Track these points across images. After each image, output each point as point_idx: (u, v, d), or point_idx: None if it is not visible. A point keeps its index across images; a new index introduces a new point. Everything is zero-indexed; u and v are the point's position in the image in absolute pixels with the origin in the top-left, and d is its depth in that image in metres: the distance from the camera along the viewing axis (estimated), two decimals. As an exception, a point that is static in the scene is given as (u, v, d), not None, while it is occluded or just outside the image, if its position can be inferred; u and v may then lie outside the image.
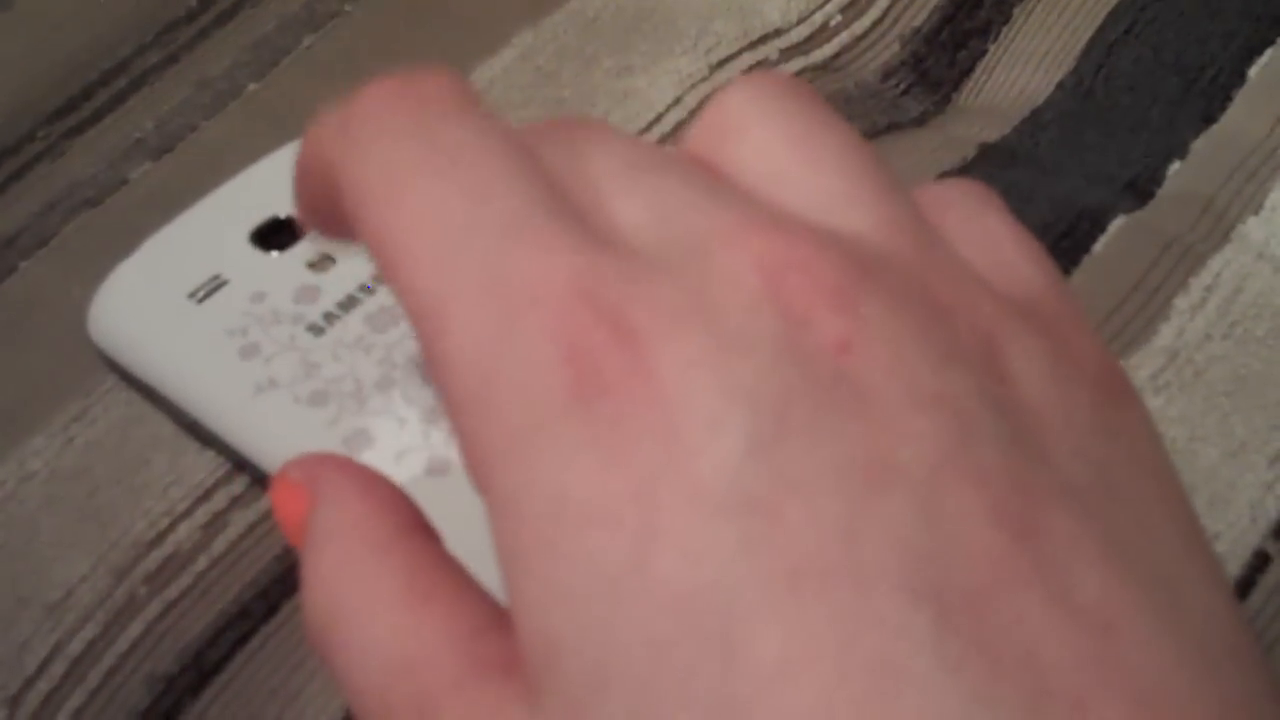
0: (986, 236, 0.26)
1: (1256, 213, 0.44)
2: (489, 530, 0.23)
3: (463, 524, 0.26)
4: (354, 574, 0.25)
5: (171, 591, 0.36)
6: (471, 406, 0.22)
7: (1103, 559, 0.21)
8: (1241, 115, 0.47)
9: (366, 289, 0.39)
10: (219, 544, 0.37)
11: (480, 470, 0.23)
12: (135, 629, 0.35)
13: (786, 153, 0.25)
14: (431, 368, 0.23)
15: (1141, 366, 0.40)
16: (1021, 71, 0.50)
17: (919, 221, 0.25)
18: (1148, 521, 0.22)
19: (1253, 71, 0.49)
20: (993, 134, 0.48)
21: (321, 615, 0.25)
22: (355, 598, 0.24)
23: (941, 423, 0.21)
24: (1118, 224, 0.43)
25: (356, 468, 0.26)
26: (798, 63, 0.49)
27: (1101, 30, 0.50)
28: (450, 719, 0.22)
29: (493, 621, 0.24)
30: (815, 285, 0.22)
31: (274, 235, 0.40)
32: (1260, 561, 0.36)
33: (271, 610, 0.36)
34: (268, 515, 0.37)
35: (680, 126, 0.46)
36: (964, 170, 0.46)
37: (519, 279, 0.22)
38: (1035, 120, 0.48)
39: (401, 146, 0.24)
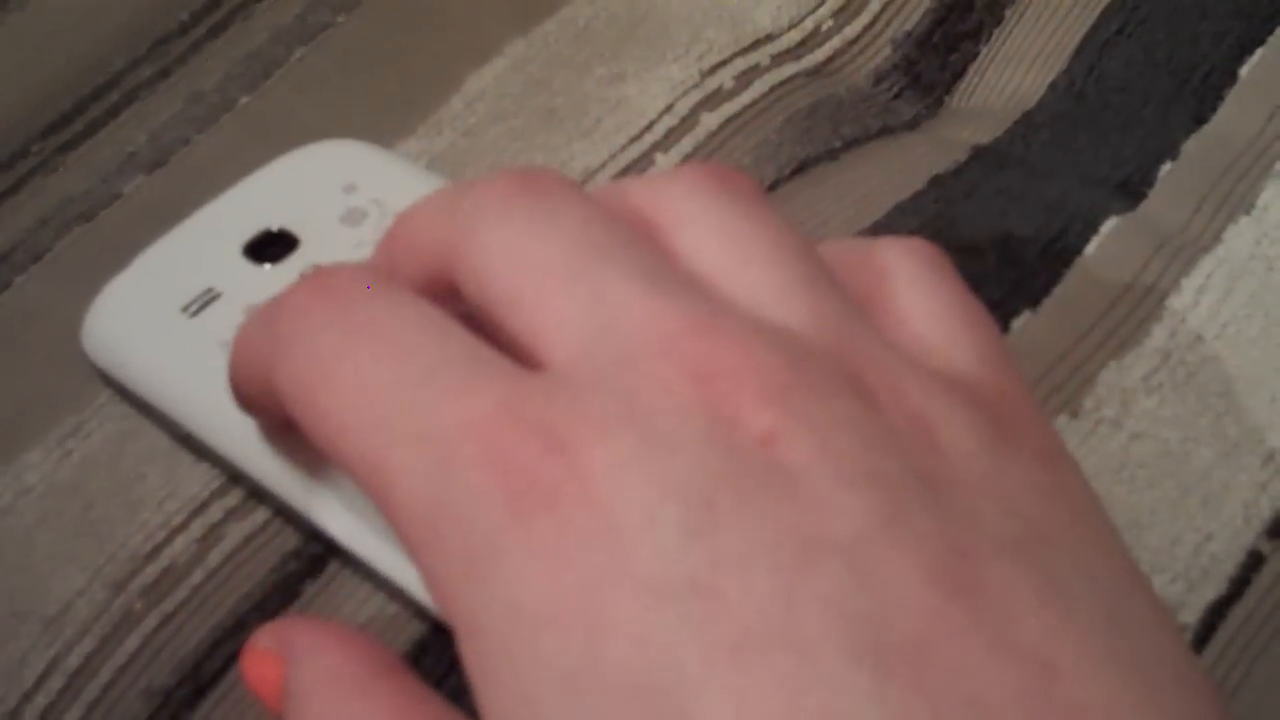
0: (925, 309, 0.27)
1: (1248, 212, 0.44)
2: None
3: None
4: (342, 713, 0.26)
5: (168, 605, 0.36)
6: (424, 543, 0.24)
7: (1041, 604, 0.22)
8: (1233, 115, 0.47)
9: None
10: (214, 557, 0.37)
11: (442, 601, 0.24)
12: (132, 642, 0.35)
13: (720, 250, 0.27)
14: (389, 524, 0.25)
15: (1134, 367, 0.40)
16: (1013, 74, 0.50)
17: (848, 312, 0.26)
18: (1086, 569, 0.23)
19: (1244, 71, 0.49)
20: (985, 136, 0.48)
21: None
22: None
23: (870, 496, 0.22)
24: (1110, 225, 0.44)
25: (324, 623, 0.28)
26: (789, 68, 0.49)
27: (1093, 31, 0.51)
28: None
29: None
30: (741, 387, 0.23)
31: (267, 248, 0.40)
32: (1254, 561, 0.37)
33: (268, 622, 0.36)
34: (263, 527, 0.37)
35: (671, 133, 0.47)
36: (957, 173, 0.46)
37: (447, 420, 0.24)
38: (1027, 122, 0.48)
39: (322, 338, 0.26)
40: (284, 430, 0.32)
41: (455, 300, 0.28)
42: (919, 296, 0.27)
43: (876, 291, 0.27)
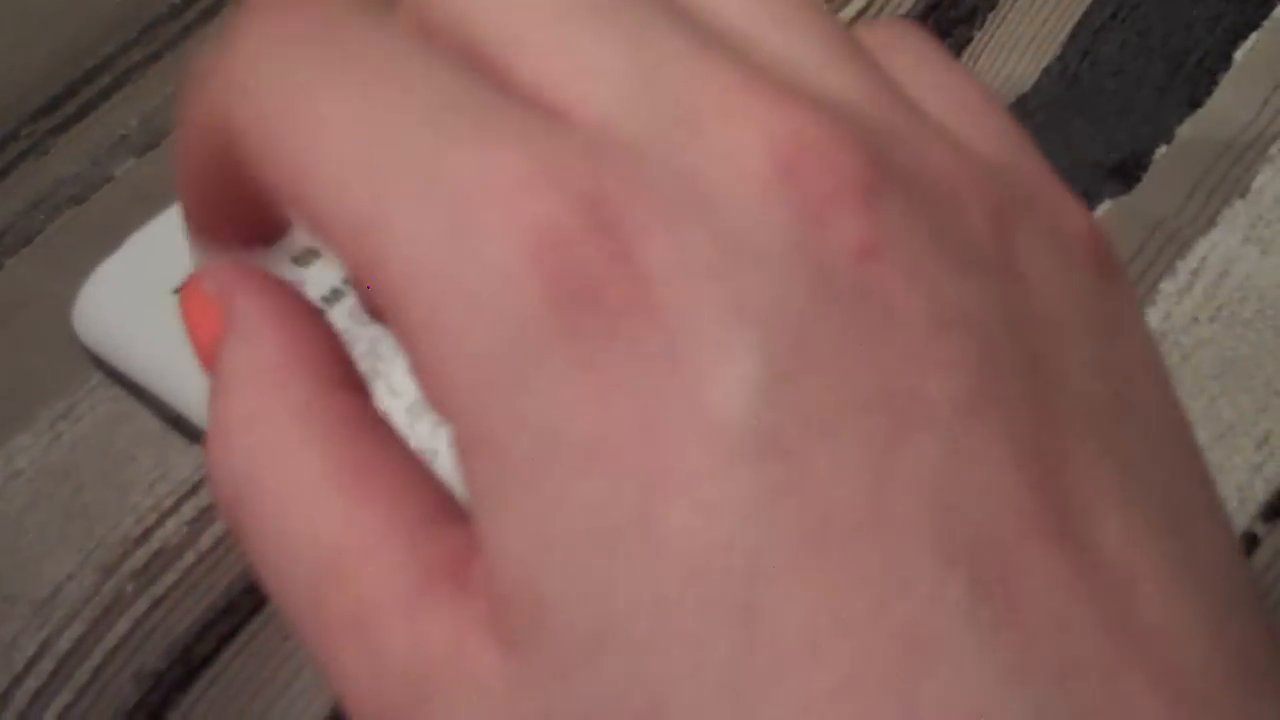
0: (947, 88, 0.22)
1: (1243, 196, 0.44)
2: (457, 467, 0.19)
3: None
4: (271, 438, 0.21)
5: (159, 588, 0.36)
6: (428, 329, 0.19)
7: (1122, 503, 0.19)
8: (1227, 99, 0.47)
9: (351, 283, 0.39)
10: (205, 539, 0.37)
11: (445, 402, 0.19)
12: (123, 625, 0.35)
13: (754, 9, 0.21)
14: (376, 298, 0.19)
15: (1129, 350, 0.40)
16: (1008, 59, 0.50)
17: (900, 96, 0.21)
18: (1157, 439, 0.20)
19: (1239, 55, 0.48)
20: (979, 121, 0.48)
21: (231, 485, 0.21)
22: (276, 470, 0.20)
23: (966, 350, 0.19)
24: (1104, 208, 0.43)
25: (277, 291, 0.22)
26: (783, 52, 0.49)
27: (1087, 16, 0.50)
28: (395, 641, 0.19)
29: (438, 510, 0.20)
30: (836, 174, 0.19)
31: (258, 230, 0.40)
32: (1249, 544, 0.36)
33: (259, 605, 0.36)
34: (255, 510, 0.37)
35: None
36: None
37: (463, 174, 0.19)
38: (1022, 107, 0.48)
39: (298, 65, 0.20)
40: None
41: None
42: (936, 75, 0.22)
43: (895, 75, 0.22)
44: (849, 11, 0.51)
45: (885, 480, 0.18)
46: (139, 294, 0.39)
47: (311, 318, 0.22)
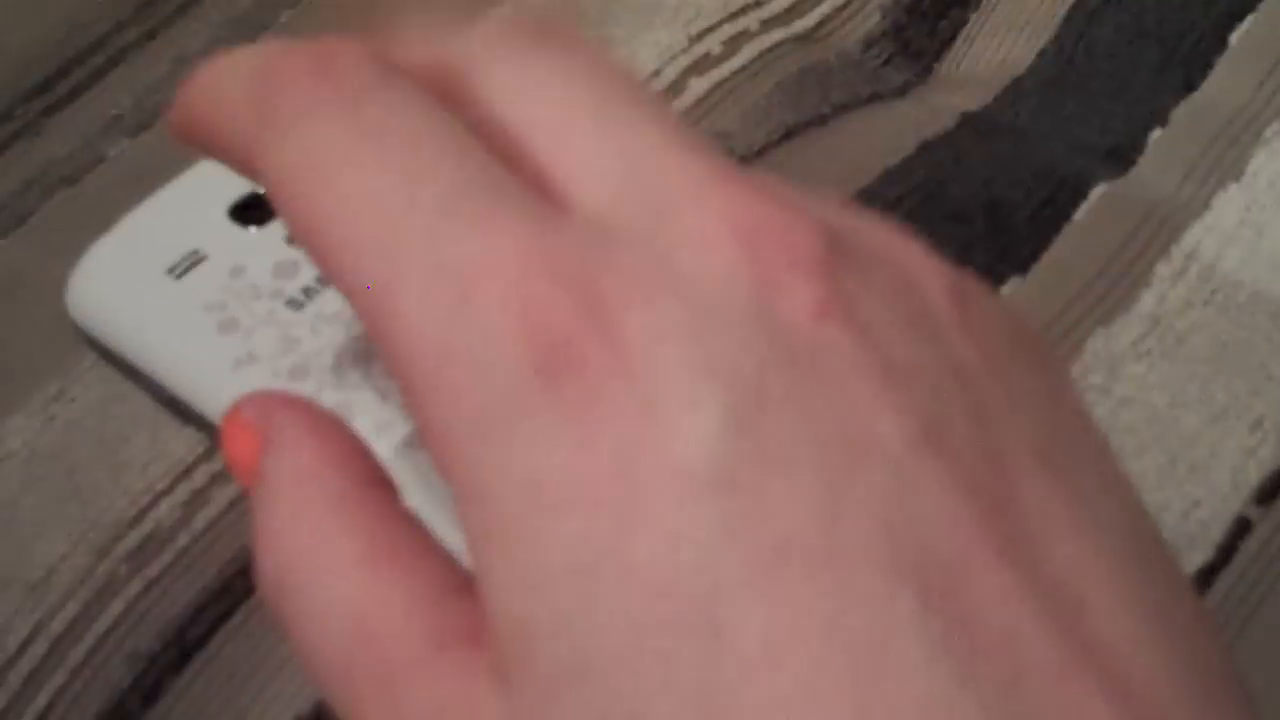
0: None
1: (1238, 179, 0.44)
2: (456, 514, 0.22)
3: (445, 496, 0.26)
4: (310, 529, 0.23)
5: (153, 569, 0.36)
6: (430, 391, 0.21)
7: (1072, 525, 0.21)
8: (1223, 82, 0.47)
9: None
10: (199, 521, 0.37)
11: (444, 456, 0.21)
12: (116, 607, 0.35)
13: None
14: (384, 354, 0.22)
15: (1123, 333, 0.40)
16: (1003, 41, 0.50)
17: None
18: (1102, 483, 0.22)
19: (1234, 38, 0.48)
20: (974, 103, 0.48)
21: (276, 573, 0.23)
22: (311, 556, 0.23)
23: (915, 394, 0.21)
24: (1099, 191, 0.43)
25: (312, 410, 0.25)
26: (778, 33, 0.49)
27: (1082, -2, 0.50)
28: (415, 694, 0.21)
29: (455, 585, 0.23)
30: (793, 248, 0.21)
31: (252, 210, 0.40)
32: (1241, 528, 0.36)
33: (253, 587, 0.36)
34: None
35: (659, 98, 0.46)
36: (945, 139, 0.46)
37: (470, 253, 0.21)
38: (1016, 89, 0.48)
39: (325, 130, 0.23)
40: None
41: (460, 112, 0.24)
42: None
43: None
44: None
45: (838, 508, 0.20)
46: (132, 274, 0.39)
47: (340, 429, 0.25)
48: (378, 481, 0.24)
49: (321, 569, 0.23)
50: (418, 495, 0.27)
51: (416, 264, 0.21)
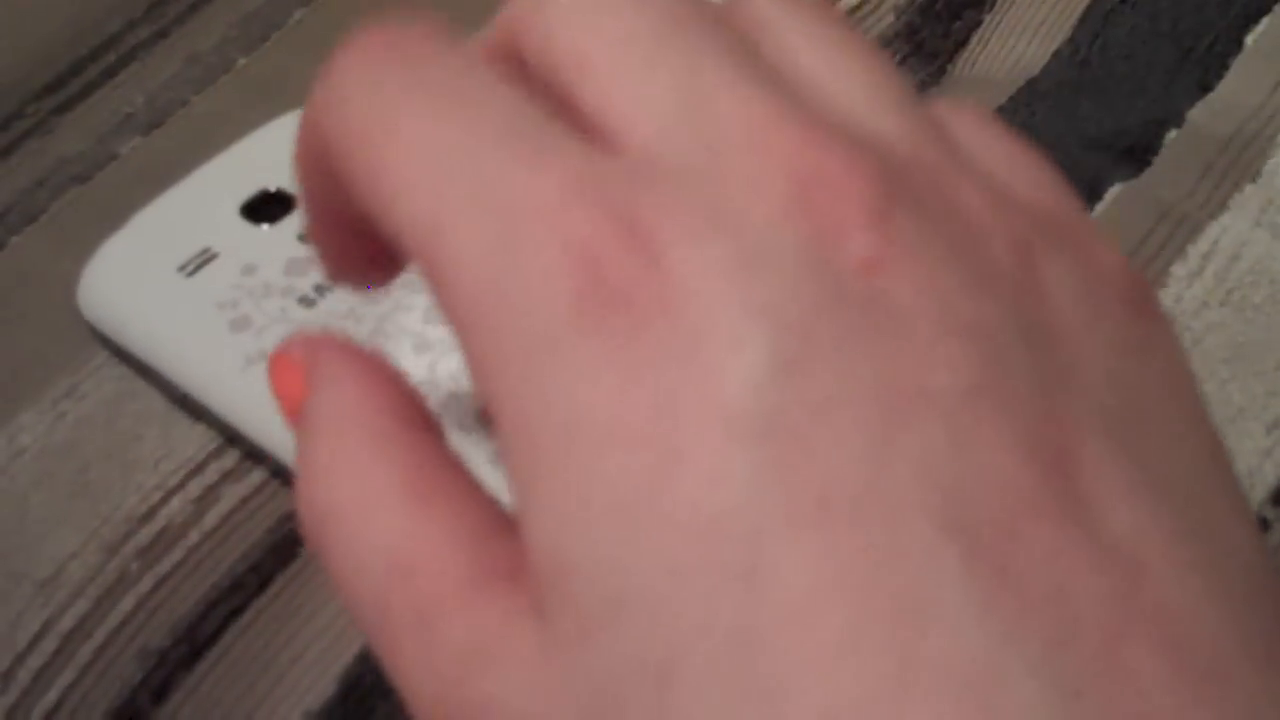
0: (998, 148, 0.25)
1: (1254, 180, 0.44)
2: (498, 453, 0.21)
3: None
4: (352, 467, 0.23)
5: (163, 566, 0.36)
6: (477, 327, 0.21)
7: (1132, 492, 0.20)
8: (1239, 83, 0.47)
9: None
10: (211, 518, 0.37)
11: (490, 392, 0.21)
12: (127, 604, 0.35)
13: (813, 53, 0.24)
14: (435, 295, 0.22)
15: (1139, 334, 0.40)
16: (1017, 41, 0.50)
17: (941, 130, 0.24)
18: (1176, 447, 0.21)
19: (1250, 39, 0.48)
20: (989, 104, 0.47)
21: (317, 510, 0.23)
22: (353, 493, 0.23)
23: (974, 350, 0.20)
24: (1114, 192, 0.43)
25: (359, 351, 0.25)
26: (791, 34, 0.49)
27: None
28: (453, 629, 0.21)
29: (497, 525, 0.23)
30: (847, 199, 0.21)
31: (264, 208, 0.40)
32: (1259, 528, 0.36)
33: (264, 583, 0.36)
34: (260, 489, 0.37)
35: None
36: (959, 140, 0.46)
37: (516, 191, 0.21)
38: (1031, 90, 0.48)
39: (385, 87, 0.23)
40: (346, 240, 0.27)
41: (525, 81, 0.24)
42: (991, 138, 0.25)
43: (950, 132, 0.24)
44: (858, -7, 0.51)
45: (885, 458, 0.19)
46: (144, 272, 0.39)
47: (387, 371, 0.25)
48: (423, 423, 0.24)
49: (363, 504, 0.23)
50: None
51: (464, 202, 0.21)
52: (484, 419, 0.22)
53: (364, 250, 0.26)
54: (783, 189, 0.21)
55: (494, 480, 0.23)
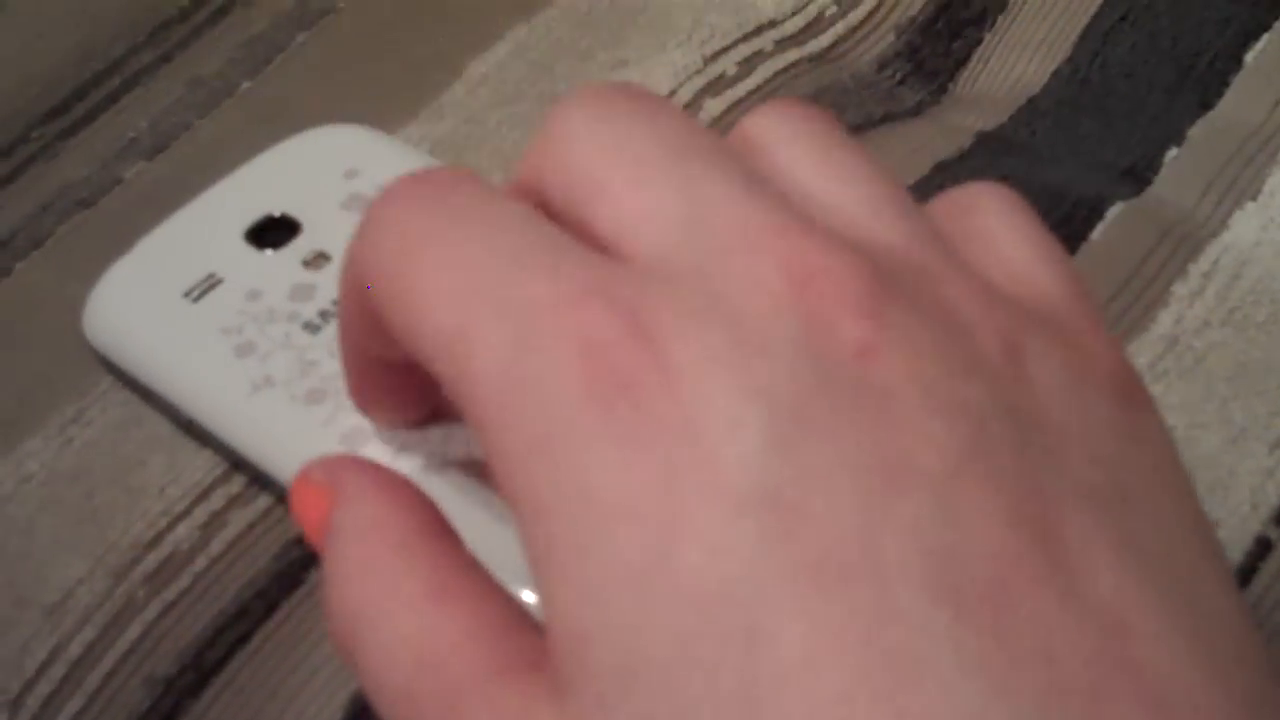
0: (1005, 241, 0.26)
1: (1254, 198, 0.44)
2: (512, 532, 0.23)
3: (459, 518, 0.26)
4: (378, 573, 0.25)
5: (170, 593, 0.36)
6: (495, 419, 0.23)
7: (1117, 559, 0.21)
8: (1238, 101, 0.47)
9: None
10: (217, 544, 0.37)
11: (507, 479, 0.23)
12: (134, 631, 0.35)
13: (813, 169, 0.26)
14: (458, 399, 0.24)
15: (1140, 354, 0.40)
16: (1017, 60, 0.50)
17: (939, 237, 0.25)
18: (1162, 523, 0.23)
19: (1249, 57, 0.48)
20: (989, 123, 0.48)
21: (346, 614, 0.25)
22: (380, 596, 0.25)
23: (959, 428, 0.22)
24: (1115, 211, 0.43)
25: (378, 469, 0.27)
26: (792, 54, 0.49)
27: (1097, 17, 0.50)
28: (479, 714, 0.23)
29: (517, 621, 0.24)
30: (839, 291, 0.22)
31: (269, 233, 0.40)
32: (1261, 548, 0.36)
33: (270, 609, 0.36)
34: (266, 514, 0.37)
35: (675, 119, 0.46)
36: (961, 159, 0.46)
37: (531, 295, 0.23)
38: (1032, 108, 0.48)
39: (412, 219, 0.25)
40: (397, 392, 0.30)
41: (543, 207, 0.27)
42: (1002, 229, 0.26)
43: (960, 225, 0.26)
44: (857, 14, 0.51)
45: (876, 528, 0.21)
46: (149, 297, 0.39)
47: (406, 485, 0.26)
48: (442, 530, 0.26)
49: (389, 607, 0.24)
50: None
51: (484, 310, 0.23)
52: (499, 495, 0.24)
53: (397, 388, 0.28)
54: (778, 284, 0.23)
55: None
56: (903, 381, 0.22)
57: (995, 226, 0.27)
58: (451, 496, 0.28)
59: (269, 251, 0.40)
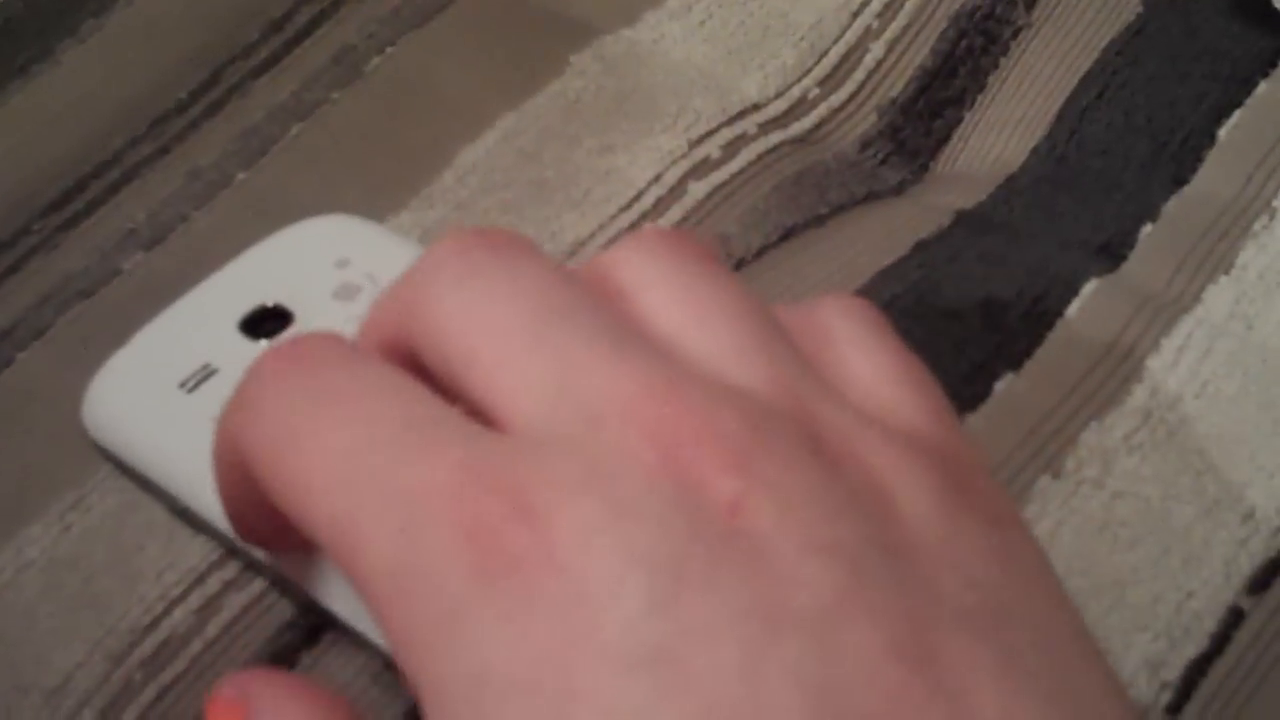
0: (872, 369, 0.28)
1: (1228, 272, 0.45)
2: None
3: None
4: None
5: (166, 676, 0.37)
6: (389, 605, 0.24)
7: (1000, 677, 0.22)
8: (1212, 176, 0.48)
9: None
10: (212, 628, 0.37)
11: (406, 662, 0.24)
12: (131, 714, 0.36)
13: (680, 312, 0.27)
14: (352, 584, 0.25)
15: (1116, 427, 0.41)
16: (996, 139, 0.51)
17: (804, 373, 0.26)
18: (1042, 636, 0.23)
19: (1222, 133, 0.49)
20: (969, 201, 0.49)
21: None
22: None
23: (833, 568, 0.23)
24: (1090, 287, 0.44)
25: (288, 678, 0.28)
26: (776, 136, 0.50)
27: (1073, 96, 0.51)
28: None
29: None
30: (706, 452, 0.24)
31: (262, 323, 0.41)
32: (1235, 618, 0.37)
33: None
34: (260, 598, 0.38)
35: (660, 202, 0.47)
36: (940, 238, 0.47)
37: (413, 482, 0.24)
38: (1010, 186, 0.49)
39: (288, 401, 0.27)
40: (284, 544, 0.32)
41: (418, 366, 0.28)
42: (863, 356, 0.27)
43: (821, 352, 0.27)
44: (840, 96, 0.52)
45: (759, 671, 0.22)
46: (147, 388, 0.40)
47: (319, 692, 0.27)
48: None
49: None
50: None
51: (368, 497, 0.24)
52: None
53: (279, 525, 0.29)
54: (648, 452, 0.23)
55: None
56: (774, 530, 0.23)
57: (863, 352, 0.28)
58: None
59: (263, 341, 0.41)
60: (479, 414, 0.26)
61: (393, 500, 0.24)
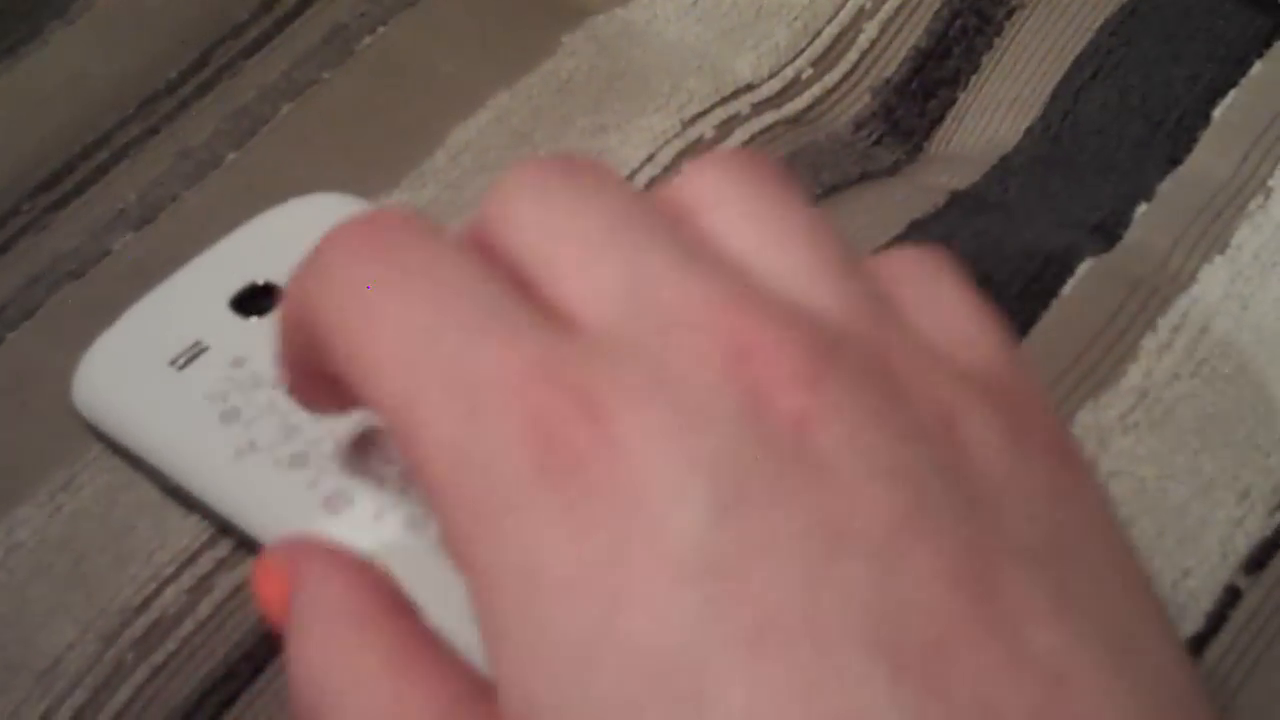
0: (942, 308, 0.27)
1: (1222, 251, 0.45)
2: (469, 603, 0.23)
3: (443, 579, 0.27)
4: (338, 652, 0.26)
5: (158, 656, 0.36)
6: (446, 491, 0.24)
7: (1055, 614, 0.22)
8: (1207, 156, 0.48)
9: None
10: (204, 607, 0.37)
11: (458, 551, 0.24)
12: (123, 694, 0.36)
13: (754, 231, 0.27)
14: (410, 467, 0.25)
15: (1111, 406, 0.40)
16: (991, 119, 0.51)
17: (878, 298, 0.26)
18: (1099, 579, 0.23)
19: (1217, 113, 0.49)
20: (963, 181, 0.48)
21: (308, 693, 0.26)
22: (340, 674, 0.26)
23: (897, 491, 0.22)
24: (1085, 267, 0.44)
25: (336, 550, 0.28)
26: (769, 116, 0.50)
27: (1068, 76, 0.51)
28: None
29: (472, 689, 0.25)
30: (776, 365, 0.23)
31: (253, 301, 0.41)
32: (1231, 597, 0.37)
33: (257, 671, 0.36)
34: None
35: (653, 183, 0.47)
36: (935, 218, 0.46)
37: (482, 369, 0.24)
38: (1004, 166, 0.49)
39: (366, 273, 0.26)
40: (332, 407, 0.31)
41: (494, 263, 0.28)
42: (936, 294, 0.27)
43: (895, 289, 0.27)
44: (833, 76, 0.52)
45: (818, 590, 0.21)
46: (136, 367, 0.40)
47: (365, 564, 0.28)
48: (401, 606, 0.27)
49: (350, 682, 0.25)
50: (418, 578, 0.28)
51: (435, 379, 0.24)
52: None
53: (332, 390, 0.28)
54: (718, 359, 0.23)
55: None
56: (841, 448, 0.23)
57: (933, 292, 0.27)
58: (422, 565, 0.29)
59: (253, 319, 0.40)
60: (553, 314, 0.25)
61: (461, 385, 0.24)
